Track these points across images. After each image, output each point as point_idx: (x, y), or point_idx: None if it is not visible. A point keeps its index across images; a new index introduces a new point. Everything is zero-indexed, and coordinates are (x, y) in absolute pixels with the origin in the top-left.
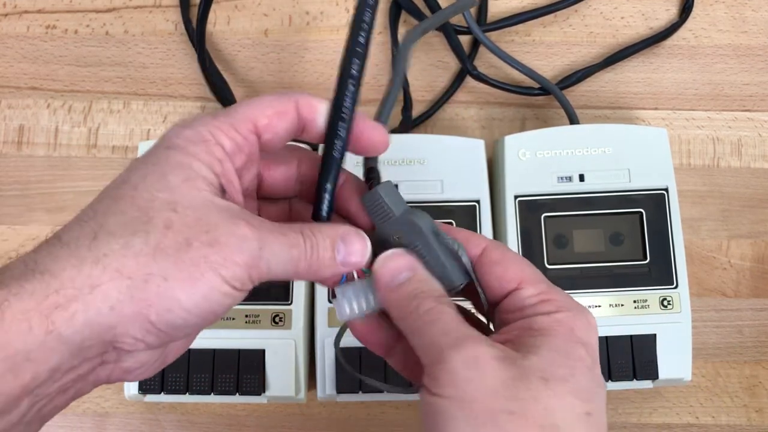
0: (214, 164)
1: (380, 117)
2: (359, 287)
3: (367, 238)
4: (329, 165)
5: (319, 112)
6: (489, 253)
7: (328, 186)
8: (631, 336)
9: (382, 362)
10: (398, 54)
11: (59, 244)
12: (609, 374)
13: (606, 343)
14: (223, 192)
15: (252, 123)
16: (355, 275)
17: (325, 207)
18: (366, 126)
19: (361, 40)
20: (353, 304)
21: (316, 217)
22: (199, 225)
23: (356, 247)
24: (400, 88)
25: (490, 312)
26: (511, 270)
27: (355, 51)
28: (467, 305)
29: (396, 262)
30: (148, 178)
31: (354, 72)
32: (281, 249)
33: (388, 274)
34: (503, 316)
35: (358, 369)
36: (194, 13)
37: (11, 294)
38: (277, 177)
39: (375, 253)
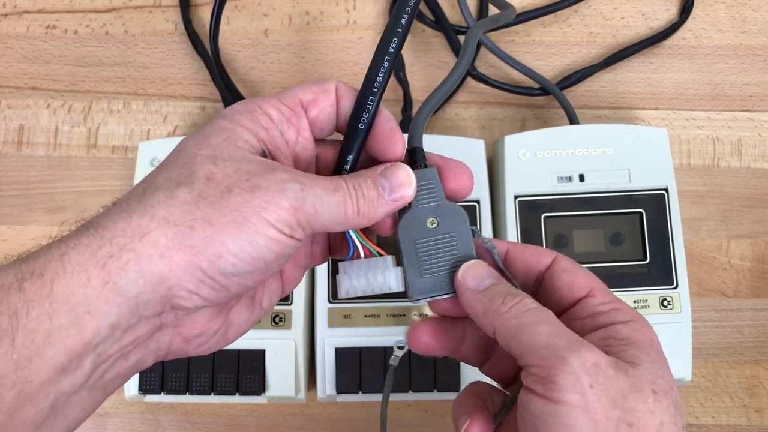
0: (258, 131)
1: (432, 98)
2: (362, 266)
3: (409, 167)
4: (353, 136)
5: (347, 97)
6: (559, 262)
7: (350, 158)
8: None
9: (381, 363)
10: (467, 37)
11: (113, 205)
12: None
13: None
14: (265, 157)
15: (298, 98)
16: (362, 254)
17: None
18: (386, 127)
19: (403, 21)
20: (353, 282)
21: None
22: (239, 174)
23: (400, 178)
24: (464, 73)
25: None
26: (580, 279)
27: (395, 30)
28: None
29: (480, 269)
30: (191, 141)
31: (391, 49)
32: (324, 192)
33: (472, 278)
34: (572, 322)
35: (357, 368)
36: (194, 13)
37: (69, 247)
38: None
39: (401, 231)
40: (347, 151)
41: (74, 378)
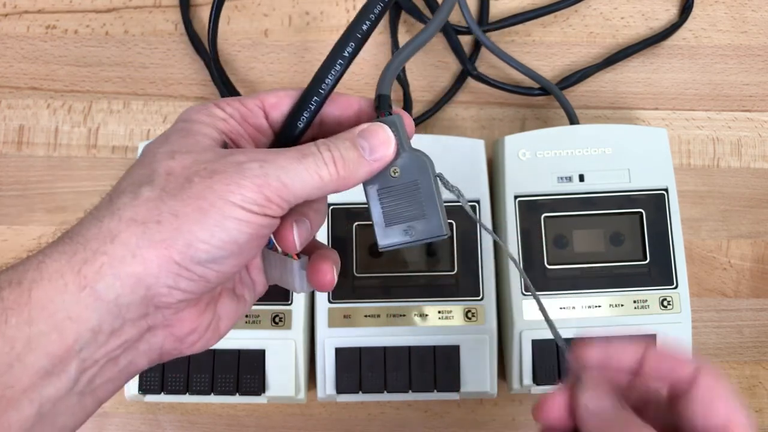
0: (216, 122)
1: (408, 47)
2: (279, 259)
3: (387, 127)
4: (286, 137)
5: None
6: (700, 383)
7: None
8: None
9: (381, 363)
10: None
11: (86, 215)
12: None
13: None
14: (226, 147)
15: (260, 100)
16: (278, 248)
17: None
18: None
19: (364, 27)
20: (273, 272)
21: (286, 133)
22: (196, 164)
23: (380, 137)
24: (436, 32)
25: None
26: (719, 409)
27: (354, 35)
28: None
29: (600, 396)
30: (152, 143)
31: (346, 53)
32: (288, 162)
33: (592, 398)
34: None
35: (357, 368)
36: (194, 13)
37: (46, 256)
38: None
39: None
40: (283, 142)
41: (59, 383)
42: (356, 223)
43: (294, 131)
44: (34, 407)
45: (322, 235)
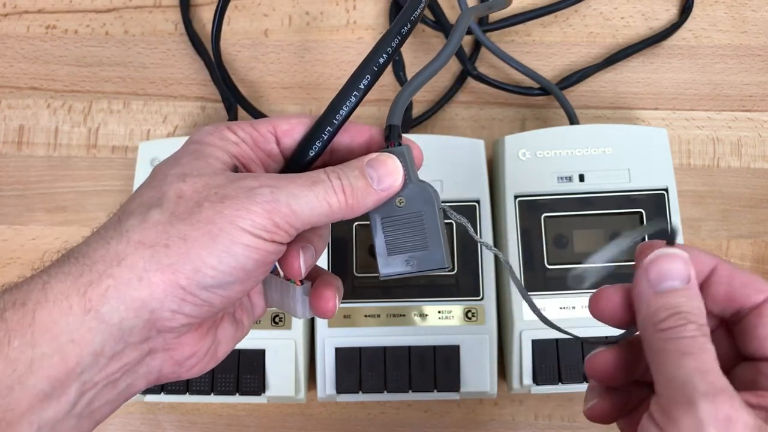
0: (228, 146)
1: (417, 79)
2: (280, 284)
3: (395, 157)
4: (297, 164)
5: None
6: (719, 270)
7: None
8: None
9: (381, 363)
10: (458, 20)
11: (92, 234)
12: None
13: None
14: (237, 171)
15: (272, 125)
16: (281, 272)
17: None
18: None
19: (381, 60)
20: (274, 296)
21: (299, 157)
22: (207, 188)
23: (388, 167)
24: (452, 55)
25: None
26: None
27: (370, 68)
28: None
29: (673, 265)
30: (163, 164)
31: (362, 86)
32: (299, 189)
33: (656, 273)
34: (759, 376)
35: (357, 368)
36: (194, 13)
37: (51, 276)
38: None
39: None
40: (293, 169)
41: (59, 406)
42: (356, 223)
43: (305, 159)
44: (33, 430)
45: None
